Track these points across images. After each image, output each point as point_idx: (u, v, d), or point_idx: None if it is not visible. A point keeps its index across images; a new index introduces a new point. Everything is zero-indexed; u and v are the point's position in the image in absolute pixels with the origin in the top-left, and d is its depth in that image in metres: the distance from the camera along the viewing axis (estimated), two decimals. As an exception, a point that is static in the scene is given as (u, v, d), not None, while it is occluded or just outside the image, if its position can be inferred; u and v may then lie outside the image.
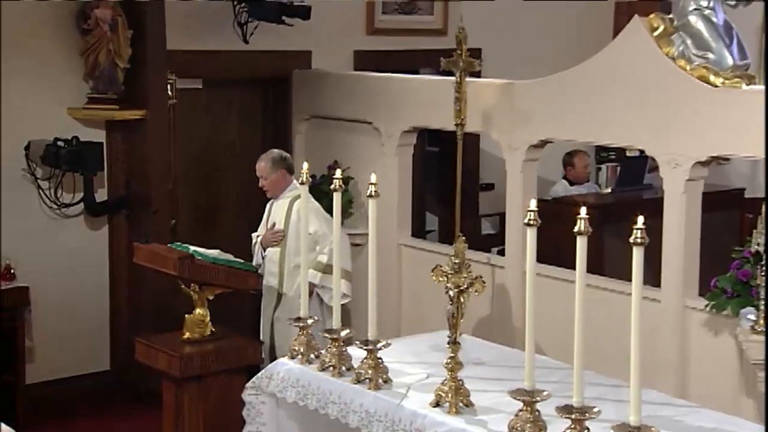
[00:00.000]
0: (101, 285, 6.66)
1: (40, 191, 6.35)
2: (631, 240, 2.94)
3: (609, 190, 7.82)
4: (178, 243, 5.37)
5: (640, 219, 2.95)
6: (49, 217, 6.42)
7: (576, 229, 3.01)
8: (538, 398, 3.17)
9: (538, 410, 3.18)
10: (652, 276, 4.81)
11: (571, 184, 7.59)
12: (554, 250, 4.56)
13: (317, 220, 5.44)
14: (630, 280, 3.01)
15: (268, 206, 5.76)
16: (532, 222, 3.13)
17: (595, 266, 4.68)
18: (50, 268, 6.35)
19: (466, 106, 5.21)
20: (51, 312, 6.35)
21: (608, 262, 5.89)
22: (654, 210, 4.76)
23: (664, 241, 4.93)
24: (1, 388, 5.81)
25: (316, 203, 5.57)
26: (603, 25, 8.14)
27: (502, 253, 5.98)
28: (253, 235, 5.81)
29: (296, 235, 5.33)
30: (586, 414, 3.07)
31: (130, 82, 6.33)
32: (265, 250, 5.63)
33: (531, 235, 3.15)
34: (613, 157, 8.39)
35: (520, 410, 3.19)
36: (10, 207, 6.15)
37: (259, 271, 5.55)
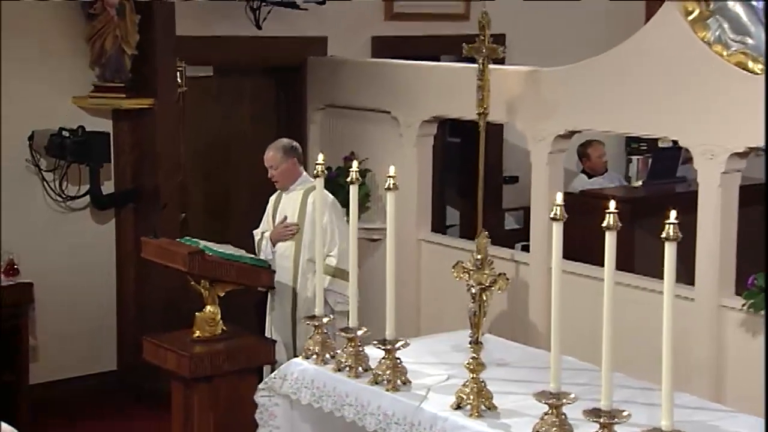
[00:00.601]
0: (108, 281, 6.70)
1: (45, 183, 6.39)
2: (663, 236, 2.93)
3: (640, 183, 7.79)
4: (188, 238, 5.40)
5: (673, 213, 2.94)
6: (53, 211, 6.46)
7: (604, 224, 3.00)
8: (565, 401, 3.17)
9: (564, 414, 3.17)
10: (686, 273, 4.78)
11: (589, 176, 7.58)
12: (581, 246, 4.54)
13: (330, 213, 5.43)
14: (662, 277, 3.00)
15: (272, 199, 5.73)
16: (558, 216, 3.12)
17: (624, 263, 4.68)
18: (55, 264, 6.39)
19: (489, 94, 5.20)
20: (55, 309, 6.39)
21: (639, 259, 5.86)
22: (688, 204, 4.75)
23: (699, 237, 4.90)
24: (4, 388, 5.85)
25: (332, 196, 5.57)
26: (634, 9, 8.09)
27: (526, 249, 5.97)
28: (255, 232, 5.76)
29: (312, 229, 5.33)
30: (615, 418, 3.06)
31: (138, 69, 6.36)
32: (274, 245, 5.61)
33: (557, 230, 3.15)
34: (644, 148, 8.35)
35: (546, 413, 3.19)
36: (13, 200, 6.20)
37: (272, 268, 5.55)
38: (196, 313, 5.17)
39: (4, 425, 2.95)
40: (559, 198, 3.15)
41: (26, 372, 6.02)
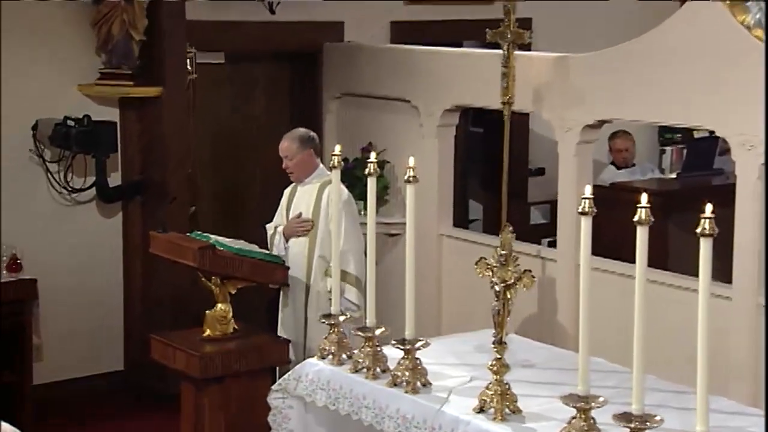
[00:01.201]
0: (114, 277, 6.73)
1: (49, 175, 6.42)
2: (699, 231, 2.92)
3: (674, 175, 7.75)
4: (198, 232, 5.41)
5: (709, 207, 2.92)
6: (58, 203, 6.49)
7: (636, 218, 2.99)
8: (594, 404, 3.16)
9: (593, 418, 3.17)
10: (722, 271, 4.76)
11: (619, 168, 7.55)
12: (611, 241, 4.53)
13: (341, 212, 5.42)
14: (697, 275, 2.98)
15: (287, 192, 5.73)
16: (587, 210, 3.11)
17: (657, 260, 4.65)
18: (59, 259, 6.43)
19: (514, 82, 5.16)
20: (60, 306, 6.43)
21: (673, 256, 5.84)
22: (725, 197, 4.71)
23: (736, 232, 4.87)
24: (6, 389, 5.89)
25: (347, 192, 5.57)
26: (668, -8, 8.05)
27: (553, 244, 5.96)
28: (268, 226, 5.76)
29: (327, 225, 5.33)
30: (647, 423, 3.05)
31: (147, 55, 6.38)
32: (287, 241, 5.61)
33: (586, 224, 3.14)
34: (678, 138, 8.32)
35: (573, 418, 3.18)
36: (17, 192, 6.23)
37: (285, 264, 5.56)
38: (207, 311, 5.19)
39: (5, 425, 2.97)
40: (588, 191, 3.14)
41: (29, 372, 6.05)
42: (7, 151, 6.18)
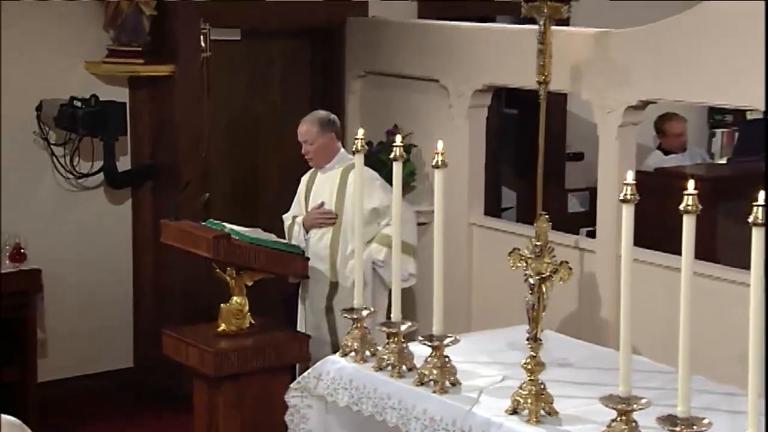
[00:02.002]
0: (124, 268, 6.76)
1: (54, 159, 6.45)
2: (751, 220, 2.89)
3: (724, 160, 7.69)
4: (212, 220, 5.43)
5: (762, 195, 2.90)
6: (64, 189, 6.53)
7: (682, 206, 2.97)
8: (636, 406, 3.15)
9: (634, 421, 3.15)
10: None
11: (666, 153, 7.51)
12: (656, 231, 4.50)
13: (381, 192, 5.42)
14: (748, 267, 2.96)
15: (305, 179, 5.73)
16: (629, 198, 3.09)
17: (705, 251, 4.62)
18: (66, 248, 6.47)
19: (551, 60, 5.14)
20: (66, 299, 6.47)
21: (722, 247, 5.80)
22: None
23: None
24: (10, 387, 5.93)
25: (374, 172, 5.57)
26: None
27: (592, 234, 5.93)
28: (285, 216, 5.77)
29: (353, 212, 5.33)
30: (694, 426, 3.04)
31: (158, 32, 6.39)
32: (307, 232, 5.61)
33: (627, 213, 3.12)
34: (729, 120, 8.25)
35: (614, 420, 3.17)
36: (20, 177, 6.27)
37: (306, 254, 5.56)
38: (221, 305, 5.21)
39: (5, 416, 3.00)
40: (630, 177, 3.12)
41: (34, 369, 6.10)
42: (9, 133, 6.21)
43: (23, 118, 6.30)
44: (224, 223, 5.26)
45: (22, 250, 6.08)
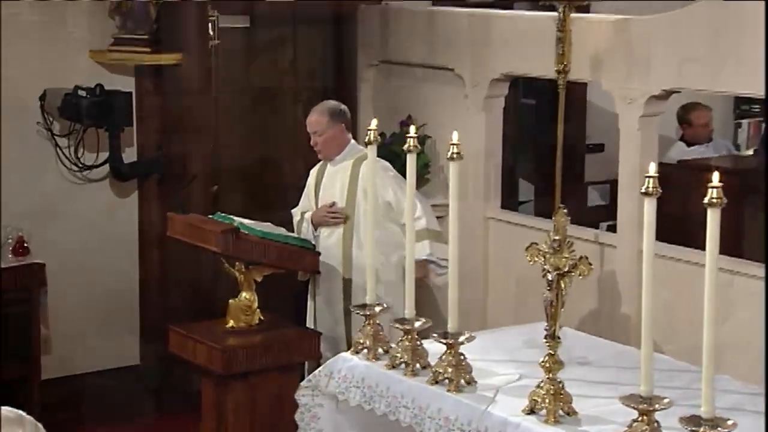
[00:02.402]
0: (129, 263, 6.78)
1: (58, 150, 6.47)
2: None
3: (750, 151, 7.66)
4: (221, 213, 5.43)
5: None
6: (68, 182, 6.54)
7: (706, 199, 2.96)
8: (658, 406, 3.14)
9: (656, 421, 3.15)
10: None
11: (689, 145, 7.48)
12: (679, 225, 4.49)
13: (395, 185, 5.42)
14: (774, 263, 2.95)
15: (314, 172, 5.72)
16: (651, 191, 3.08)
17: (730, 246, 4.60)
18: (69, 242, 6.48)
19: (570, 48, 5.14)
20: (70, 294, 6.49)
21: (748, 242, 5.78)
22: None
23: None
24: (12, 385, 5.95)
25: (387, 164, 5.56)
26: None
27: (612, 229, 5.92)
28: (294, 211, 5.76)
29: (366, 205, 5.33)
30: (719, 428, 3.03)
31: (164, 19, 6.39)
32: (316, 229, 5.60)
33: (650, 206, 3.11)
34: (756, 110, 8.20)
35: (635, 421, 3.17)
36: (22, 168, 6.28)
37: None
38: (230, 301, 5.22)
39: (5, 409, 3.01)
40: (653, 169, 3.11)
41: (37, 366, 6.12)
42: (12, 123, 6.22)
43: (26, 108, 6.31)
44: (233, 217, 5.27)
45: (25, 244, 6.10)
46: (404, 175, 4.09)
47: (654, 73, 5.46)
